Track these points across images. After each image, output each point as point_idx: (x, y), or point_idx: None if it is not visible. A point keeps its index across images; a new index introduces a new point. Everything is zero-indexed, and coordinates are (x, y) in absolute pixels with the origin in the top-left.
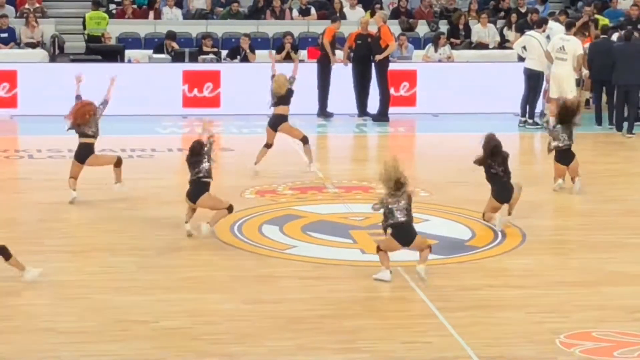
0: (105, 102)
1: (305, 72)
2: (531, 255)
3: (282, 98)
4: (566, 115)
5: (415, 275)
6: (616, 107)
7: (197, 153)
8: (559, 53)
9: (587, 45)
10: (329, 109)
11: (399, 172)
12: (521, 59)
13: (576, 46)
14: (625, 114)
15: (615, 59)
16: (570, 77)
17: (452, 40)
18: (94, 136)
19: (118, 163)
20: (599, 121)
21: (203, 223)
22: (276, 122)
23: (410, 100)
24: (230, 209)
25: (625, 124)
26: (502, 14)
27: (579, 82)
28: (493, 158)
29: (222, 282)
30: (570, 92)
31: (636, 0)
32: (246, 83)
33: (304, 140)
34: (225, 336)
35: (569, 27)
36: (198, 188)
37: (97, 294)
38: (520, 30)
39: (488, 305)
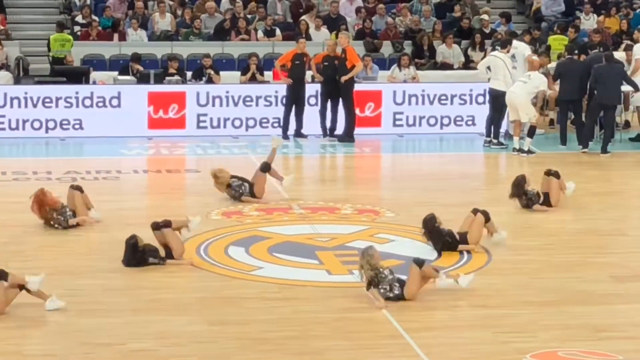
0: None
1: (271, 93)
2: (496, 275)
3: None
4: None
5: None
6: (586, 125)
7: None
8: (523, 77)
9: (552, 65)
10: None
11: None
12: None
13: (540, 82)
14: (594, 134)
15: (594, 78)
16: (525, 101)
17: (416, 60)
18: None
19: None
20: (563, 141)
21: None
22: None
23: (375, 121)
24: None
25: (589, 144)
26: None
27: (544, 102)
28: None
29: (189, 303)
30: (525, 114)
31: (599, 26)
32: (211, 104)
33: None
34: (192, 358)
35: (504, 45)
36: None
37: (62, 317)
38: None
39: (454, 326)
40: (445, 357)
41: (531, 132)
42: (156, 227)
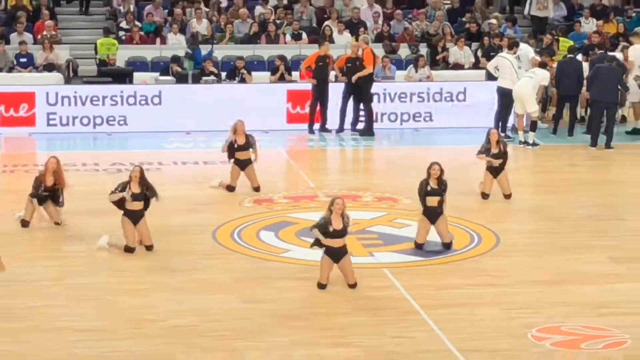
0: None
1: (298, 91)
2: (505, 256)
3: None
4: None
5: (400, 276)
6: (593, 124)
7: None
8: (528, 73)
9: (554, 65)
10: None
11: None
12: (491, 77)
13: (543, 77)
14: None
15: (591, 76)
16: (531, 95)
17: (436, 58)
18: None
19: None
20: (554, 131)
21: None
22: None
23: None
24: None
25: (597, 143)
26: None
27: (548, 100)
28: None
29: (225, 283)
30: (531, 107)
31: (598, 29)
32: (244, 102)
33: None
34: (230, 333)
35: (510, 47)
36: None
37: (110, 296)
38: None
39: (466, 303)
40: (459, 332)
41: (533, 126)
42: None
